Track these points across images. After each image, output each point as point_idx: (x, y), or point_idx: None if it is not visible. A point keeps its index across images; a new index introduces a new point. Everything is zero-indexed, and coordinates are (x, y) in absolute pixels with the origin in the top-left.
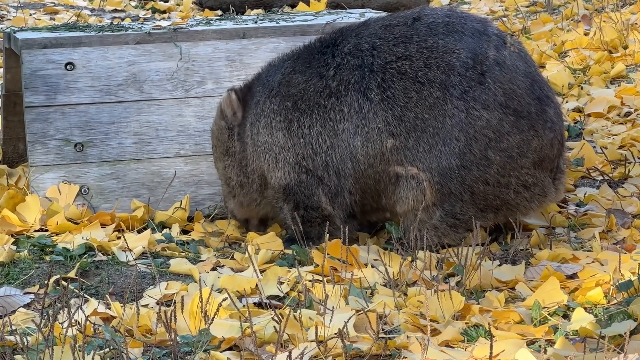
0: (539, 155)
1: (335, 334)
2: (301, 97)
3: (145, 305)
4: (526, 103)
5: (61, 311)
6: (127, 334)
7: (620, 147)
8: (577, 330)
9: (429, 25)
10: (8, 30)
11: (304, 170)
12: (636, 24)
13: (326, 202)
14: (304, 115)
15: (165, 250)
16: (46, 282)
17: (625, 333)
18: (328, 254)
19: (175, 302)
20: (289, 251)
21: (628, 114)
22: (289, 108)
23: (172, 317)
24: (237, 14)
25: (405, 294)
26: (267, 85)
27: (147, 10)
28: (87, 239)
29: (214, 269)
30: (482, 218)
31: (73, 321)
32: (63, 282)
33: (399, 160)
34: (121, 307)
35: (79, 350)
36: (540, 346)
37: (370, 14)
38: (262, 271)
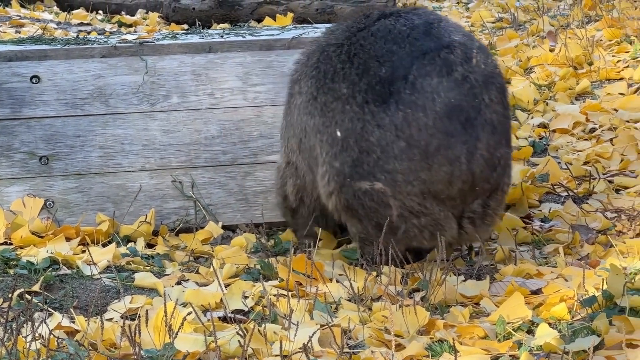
0: (428, 187)
1: (300, 348)
2: None
3: (110, 319)
4: (428, 134)
5: (25, 325)
6: (91, 348)
7: (585, 163)
8: (541, 346)
9: (390, 25)
10: None
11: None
12: (601, 40)
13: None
14: None
15: (130, 264)
16: (10, 295)
17: (589, 348)
18: (293, 269)
19: (139, 316)
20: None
21: (593, 130)
22: None
23: (137, 331)
24: (203, 28)
25: (370, 309)
26: None
27: (114, 24)
28: (51, 253)
29: (178, 283)
30: (386, 240)
31: (37, 335)
32: (27, 296)
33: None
34: (85, 320)
35: None
36: None
37: None
38: (226, 285)
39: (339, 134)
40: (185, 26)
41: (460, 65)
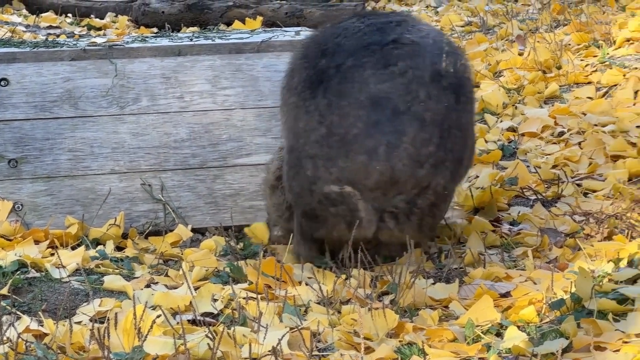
0: (345, 176)
1: (269, 351)
2: None
3: (79, 322)
4: (348, 123)
5: None
6: (59, 351)
7: (554, 167)
8: (509, 349)
9: (351, 23)
10: None
11: None
12: (569, 44)
13: None
14: None
15: (99, 267)
16: None
17: (557, 351)
18: (262, 272)
19: (108, 319)
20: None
21: (561, 133)
22: None
23: (106, 334)
24: (172, 32)
25: (339, 312)
26: None
27: (83, 27)
28: (20, 256)
29: (148, 286)
30: (311, 228)
31: (5, 338)
32: None
33: None
34: (54, 324)
35: None
36: None
37: (306, 32)
38: (196, 288)
39: (284, 121)
40: (155, 29)
41: (403, 61)
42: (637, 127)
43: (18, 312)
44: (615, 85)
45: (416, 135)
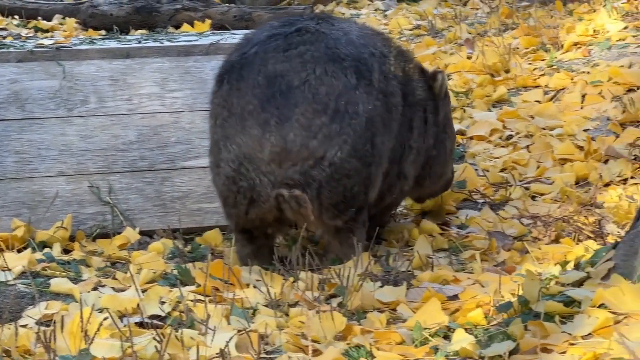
0: (242, 151)
1: (217, 353)
2: None
3: (24, 326)
4: (245, 101)
5: None
6: (5, 355)
7: (502, 170)
8: (457, 351)
9: (271, 21)
10: None
11: None
12: (518, 48)
13: None
14: None
15: (46, 270)
16: None
17: (504, 353)
18: (210, 274)
19: (55, 322)
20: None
21: (510, 137)
22: None
23: (52, 337)
24: (121, 34)
25: (287, 315)
26: None
27: (30, 29)
28: None
29: (95, 289)
30: (229, 216)
31: None
32: None
33: None
34: None
35: None
36: None
37: None
38: (143, 291)
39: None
40: (103, 32)
41: (303, 45)
42: (584, 130)
43: None
44: (563, 88)
45: (308, 107)
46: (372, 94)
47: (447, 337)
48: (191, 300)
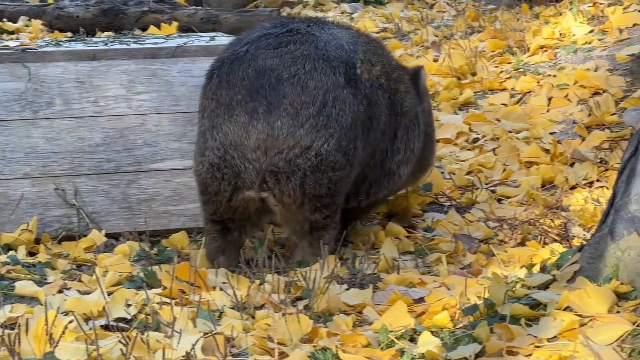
0: (228, 138)
1: (183, 356)
2: None
3: None
4: (234, 92)
5: None
6: None
7: (468, 173)
8: (423, 354)
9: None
10: None
11: None
12: (484, 51)
13: None
14: None
15: (11, 273)
16: None
17: (470, 356)
18: (176, 277)
19: (19, 325)
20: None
21: (476, 140)
22: None
23: (16, 340)
24: (87, 36)
25: (253, 317)
26: None
27: None
28: None
29: (60, 292)
30: (204, 204)
31: None
32: None
33: None
34: None
35: None
36: None
37: (221, 37)
38: (109, 293)
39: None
40: (69, 34)
41: (294, 44)
42: (551, 133)
43: None
44: (529, 92)
45: (296, 98)
46: (358, 98)
47: (413, 340)
48: (157, 303)
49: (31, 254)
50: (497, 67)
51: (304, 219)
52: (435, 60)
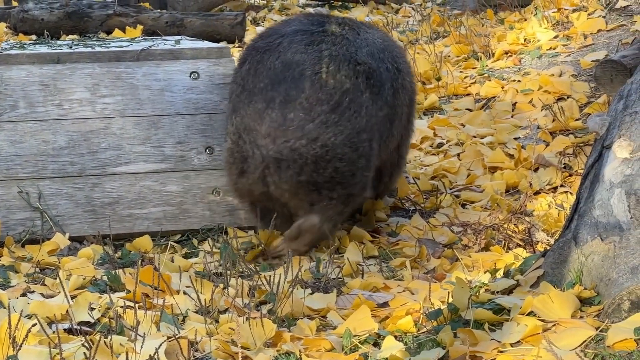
0: (243, 122)
1: None
2: None
3: None
4: (259, 80)
5: None
6: None
7: (433, 178)
8: (387, 358)
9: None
10: None
11: None
12: (449, 56)
13: None
14: None
15: None
16: None
17: None
18: (140, 280)
19: None
20: (101, 276)
21: (440, 144)
22: None
23: None
24: (52, 39)
25: (217, 321)
26: None
27: None
28: None
29: (24, 295)
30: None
31: None
32: None
33: None
34: None
35: None
36: None
37: (186, 41)
38: (73, 297)
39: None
40: (34, 37)
41: (325, 44)
42: (515, 139)
43: None
44: (494, 97)
45: (313, 94)
46: (378, 104)
47: (376, 344)
48: (121, 307)
49: None
50: (462, 72)
51: (305, 203)
52: None
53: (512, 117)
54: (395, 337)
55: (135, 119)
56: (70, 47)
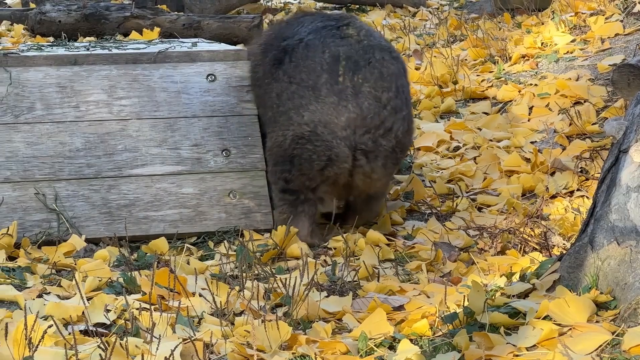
0: (317, 117)
1: None
2: None
3: None
4: (316, 75)
5: None
6: None
7: (449, 181)
8: None
9: (306, 17)
10: None
11: None
12: (466, 60)
13: None
14: None
15: None
16: None
17: None
18: (156, 282)
19: None
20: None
21: (457, 148)
22: None
23: None
24: (69, 41)
25: (233, 324)
26: None
27: None
28: None
29: (40, 296)
30: (283, 172)
31: None
32: None
33: None
34: None
35: None
36: None
37: (203, 43)
38: (89, 298)
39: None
40: (51, 39)
41: (357, 35)
42: (531, 142)
43: None
44: (510, 100)
45: (377, 82)
46: (408, 86)
47: (392, 348)
48: (136, 309)
49: (11, 258)
50: (478, 75)
51: (374, 190)
52: (417, 69)
53: (528, 120)
54: (411, 340)
55: (151, 121)
56: (88, 49)
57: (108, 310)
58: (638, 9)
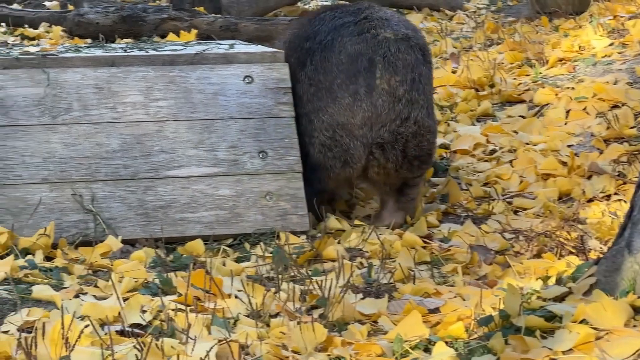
0: (335, 119)
1: None
2: None
3: (6, 332)
4: (332, 76)
5: None
6: None
7: (485, 184)
8: None
9: (325, 13)
10: None
11: None
12: (503, 63)
13: None
14: None
15: (28, 277)
16: None
17: None
18: (192, 284)
19: (36, 329)
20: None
21: (493, 151)
22: None
23: (33, 344)
24: (106, 42)
25: (268, 325)
26: None
27: (17, 36)
28: None
29: (76, 296)
30: (313, 180)
31: None
32: None
33: None
34: None
35: None
36: None
37: (240, 45)
38: (125, 299)
39: None
40: (89, 40)
41: (374, 29)
42: (568, 146)
43: None
44: (547, 104)
45: (391, 78)
46: (430, 75)
47: (427, 350)
48: (172, 310)
49: (48, 258)
50: (515, 79)
51: (399, 180)
52: (454, 72)
53: (565, 124)
54: (446, 342)
55: (188, 123)
56: (125, 51)
57: (144, 311)
58: None
